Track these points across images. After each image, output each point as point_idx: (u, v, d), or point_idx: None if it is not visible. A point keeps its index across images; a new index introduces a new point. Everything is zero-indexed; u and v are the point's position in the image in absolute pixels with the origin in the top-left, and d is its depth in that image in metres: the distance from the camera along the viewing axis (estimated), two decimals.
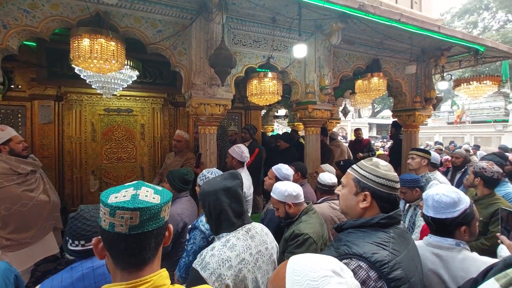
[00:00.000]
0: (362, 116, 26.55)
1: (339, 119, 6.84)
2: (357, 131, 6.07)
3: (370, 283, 0.86)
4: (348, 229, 1.04)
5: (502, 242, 1.38)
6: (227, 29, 2.98)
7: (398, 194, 1.06)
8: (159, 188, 0.77)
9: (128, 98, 4.22)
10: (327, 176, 2.37)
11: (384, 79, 3.88)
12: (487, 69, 13.81)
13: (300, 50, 2.84)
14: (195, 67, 2.85)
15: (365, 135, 21.57)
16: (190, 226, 1.55)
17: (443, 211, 1.20)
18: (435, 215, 1.22)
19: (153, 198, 0.72)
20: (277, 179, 2.15)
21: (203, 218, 1.51)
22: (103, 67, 2.27)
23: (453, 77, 5.07)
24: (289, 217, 1.71)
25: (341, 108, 7.15)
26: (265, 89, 3.09)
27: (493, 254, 1.62)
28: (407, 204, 2.35)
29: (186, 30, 2.85)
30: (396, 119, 4.88)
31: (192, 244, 1.45)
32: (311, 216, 1.65)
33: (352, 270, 0.86)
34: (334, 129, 6.99)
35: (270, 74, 3.15)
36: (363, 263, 0.89)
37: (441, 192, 1.23)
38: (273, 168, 2.23)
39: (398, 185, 1.05)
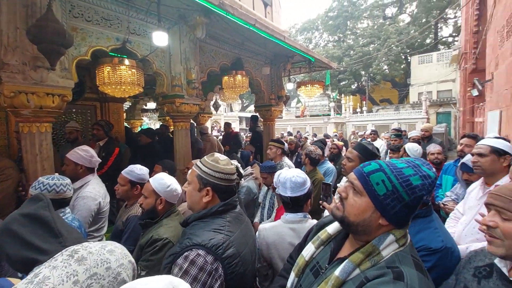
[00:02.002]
0: (233, 110, 28.68)
1: (211, 113, 7.03)
2: (225, 125, 6.44)
3: (207, 266, 0.98)
4: (193, 222, 1.13)
5: (324, 207, 1.83)
6: None
7: (235, 184, 1.22)
8: None
9: None
10: None
11: (246, 77, 4.27)
12: (318, 75, 18.34)
13: (160, 38, 2.61)
14: (7, 40, 2.03)
15: (237, 128, 23.55)
16: None
17: (298, 190, 1.46)
18: (293, 194, 1.46)
19: None
20: (132, 183, 1.90)
21: None
22: None
23: (296, 80, 6.34)
24: (151, 213, 1.54)
25: (212, 102, 7.37)
26: (121, 79, 2.65)
27: (319, 215, 2.15)
28: (266, 188, 2.71)
29: None
30: (256, 114, 5.54)
31: None
32: (173, 219, 1.54)
33: (192, 260, 0.97)
34: (207, 123, 7.12)
35: (127, 61, 2.72)
36: (201, 250, 1.00)
37: (295, 174, 1.50)
38: (123, 172, 1.94)
39: (234, 177, 1.20)
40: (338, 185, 2.04)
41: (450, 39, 24.77)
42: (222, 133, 10.67)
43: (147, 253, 1.39)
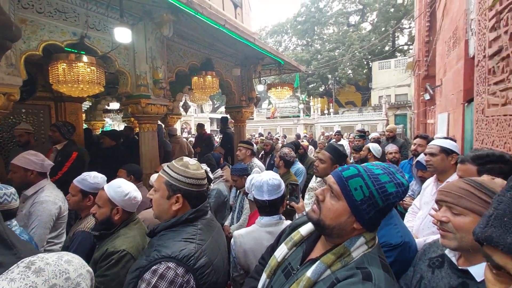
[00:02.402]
0: (204, 112, 28.18)
1: (180, 114, 6.82)
2: (198, 127, 6.26)
3: (178, 279, 0.93)
4: (161, 231, 1.06)
5: (292, 207, 1.86)
6: None
7: (206, 189, 1.17)
8: None
9: None
10: None
11: (216, 78, 4.22)
12: (288, 78, 18.80)
13: (123, 34, 2.46)
14: None
15: (208, 129, 23.16)
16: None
17: (275, 193, 1.45)
18: (270, 197, 1.44)
19: None
20: (84, 193, 1.70)
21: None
22: None
23: (267, 82, 6.41)
24: (106, 224, 1.40)
25: (181, 103, 7.15)
26: (79, 77, 2.45)
27: (291, 216, 2.18)
28: (238, 190, 2.68)
29: None
30: (226, 115, 5.51)
31: None
32: (132, 228, 1.42)
33: (161, 274, 0.92)
34: (176, 125, 6.89)
35: (86, 58, 2.53)
36: (171, 263, 0.94)
37: (271, 177, 1.48)
38: (74, 181, 1.74)
39: (205, 181, 1.15)
40: (310, 185, 2.07)
41: (405, 47, 27.00)
42: (193, 135, 10.37)
43: (102, 267, 1.25)
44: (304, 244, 0.92)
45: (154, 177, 2.06)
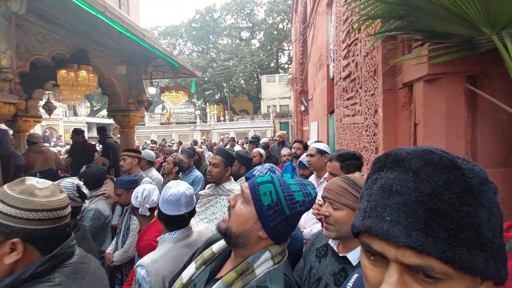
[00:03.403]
0: (79, 115, 23.20)
1: (40, 116, 5.29)
2: (74, 133, 4.81)
3: None
4: None
5: None
6: None
7: (68, 222, 0.83)
8: None
9: None
10: None
11: (94, 74, 3.55)
12: (183, 82, 18.21)
13: None
14: None
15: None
16: None
17: (192, 203, 1.34)
18: (188, 209, 1.31)
19: None
20: None
21: None
22: None
23: (160, 85, 5.97)
24: None
25: (42, 102, 5.57)
26: None
27: None
28: (125, 208, 2.27)
29: None
30: (104, 125, 4.71)
31: None
32: None
33: None
34: (36, 129, 5.29)
35: None
36: None
37: (186, 187, 1.35)
38: None
39: (67, 211, 0.82)
40: (201, 192, 2.00)
41: (286, 66, 31.76)
42: (63, 143, 8.14)
43: None
44: (214, 263, 0.86)
45: None
